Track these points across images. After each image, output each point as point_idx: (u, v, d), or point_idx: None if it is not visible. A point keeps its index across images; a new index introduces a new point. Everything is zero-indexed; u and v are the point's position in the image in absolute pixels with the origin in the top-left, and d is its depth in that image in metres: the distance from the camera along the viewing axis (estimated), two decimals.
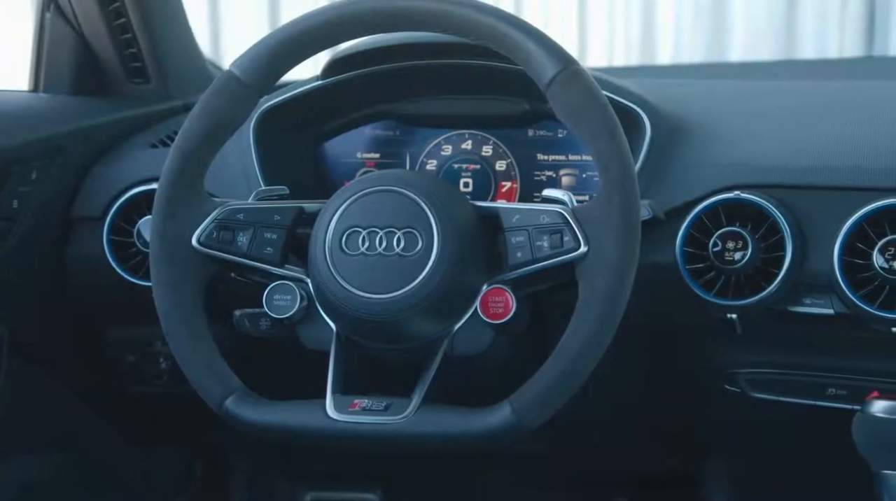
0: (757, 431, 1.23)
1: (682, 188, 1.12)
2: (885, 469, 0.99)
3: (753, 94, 1.37)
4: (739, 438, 1.27)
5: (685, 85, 1.40)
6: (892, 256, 1.01)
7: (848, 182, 1.07)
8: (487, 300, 1.00)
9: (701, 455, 1.34)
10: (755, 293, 1.07)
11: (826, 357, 1.12)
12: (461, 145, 1.28)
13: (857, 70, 2.23)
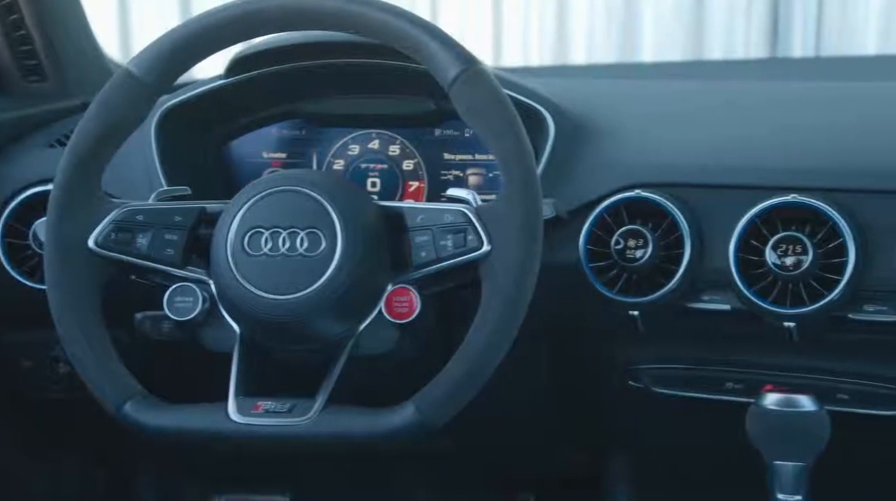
0: (659, 426, 1.26)
1: (585, 187, 1.14)
2: (776, 460, 1.02)
3: (659, 95, 1.40)
4: (643, 433, 1.30)
5: (591, 85, 1.42)
6: (783, 253, 1.04)
7: (743, 180, 1.10)
8: (392, 300, 1.00)
9: (606, 450, 1.36)
10: (656, 290, 1.09)
11: (724, 352, 1.15)
12: (368, 145, 1.28)
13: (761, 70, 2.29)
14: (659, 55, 3.22)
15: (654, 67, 2.91)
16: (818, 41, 3.09)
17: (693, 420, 1.20)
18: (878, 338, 1.06)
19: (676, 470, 1.31)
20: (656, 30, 3.21)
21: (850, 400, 1.10)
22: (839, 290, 1.02)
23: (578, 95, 1.26)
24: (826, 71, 2.25)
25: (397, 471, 1.54)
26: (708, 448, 1.20)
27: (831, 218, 1.04)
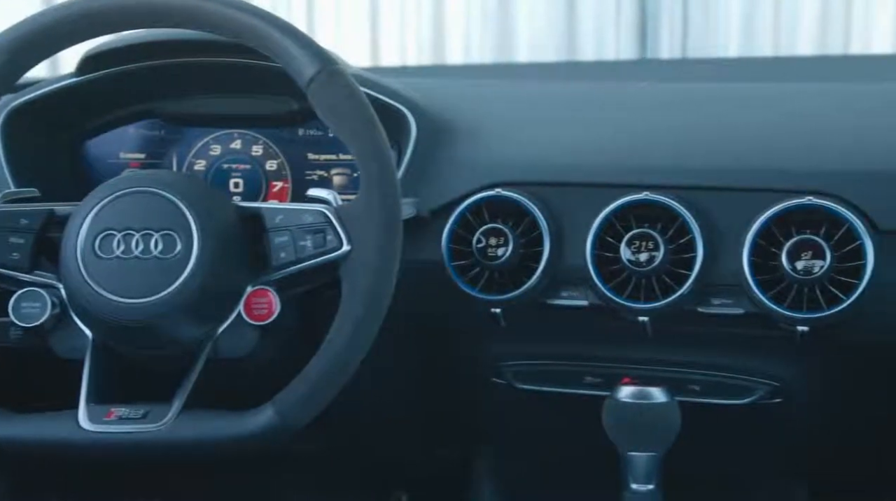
0: (524, 421, 1.28)
1: (447, 186, 1.15)
2: (630, 451, 1.06)
3: (523, 95, 1.42)
4: (508, 429, 1.32)
5: (455, 85, 1.43)
6: (637, 249, 1.07)
7: (599, 179, 1.13)
8: (251, 301, 0.99)
9: (473, 447, 1.38)
10: (517, 287, 1.11)
11: (583, 346, 1.18)
12: (230, 145, 1.26)
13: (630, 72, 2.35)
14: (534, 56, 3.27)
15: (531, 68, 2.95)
16: (684, 43, 3.19)
17: (556, 414, 1.23)
18: (725, 331, 1.10)
19: (540, 464, 1.33)
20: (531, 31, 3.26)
21: (701, 391, 1.14)
22: (689, 285, 1.06)
23: (442, 95, 1.27)
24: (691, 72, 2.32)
25: (269, 474, 1.53)
26: (570, 442, 1.23)
27: (681, 215, 1.07)
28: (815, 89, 1.34)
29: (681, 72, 2.37)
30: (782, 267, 1.03)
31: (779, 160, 1.11)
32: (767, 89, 1.38)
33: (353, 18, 3.30)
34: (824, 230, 1.04)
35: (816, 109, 1.25)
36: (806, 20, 3.07)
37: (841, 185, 1.05)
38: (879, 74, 1.56)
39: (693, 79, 1.67)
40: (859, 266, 1.02)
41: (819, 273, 1.02)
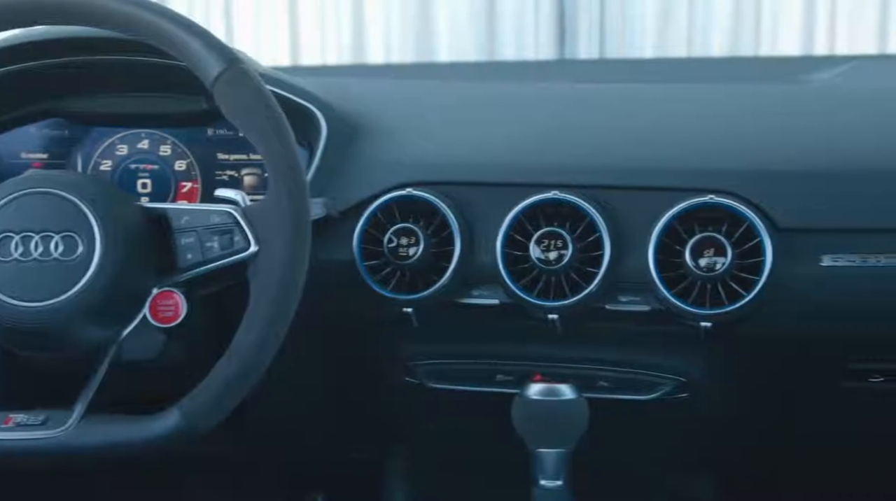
0: (437, 420, 1.28)
1: (357, 186, 1.15)
2: (539, 448, 1.07)
3: (440, 94, 1.42)
4: (421, 428, 1.32)
5: (368, 84, 1.43)
6: (546, 248, 1.08)
7: (509, 178, 1.13)
8: (156, 304, 0.98)
9: (388, 446, 1.38)
10: (428, 287, 1.11)
11: (495, 345, 1.19)
12: (137, 145, 1.24)
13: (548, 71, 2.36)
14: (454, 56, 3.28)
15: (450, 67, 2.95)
16: (602, 44, 3.24)
17: (469, 413, 1.24)
18: (632, 327, 1.11)
19: (453, 463, 1.34)
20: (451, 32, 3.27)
21: (610, 387, 1.16)
22: (597, 282, 1.07)
23: (354, 95, 1.27)
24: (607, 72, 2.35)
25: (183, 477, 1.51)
26: (483, 440, 1.24)
27: (588, 214, 1.09)
28: (717, 90, 1.37)
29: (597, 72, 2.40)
30: (686, 264, 1.05)
31: (683, 159, 1.13)
32: (675, 90, 1.41)
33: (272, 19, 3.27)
34: (726, 228, 1.06)
35: (719, 110, 1.28)
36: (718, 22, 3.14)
37: (741, 184, 1.08)
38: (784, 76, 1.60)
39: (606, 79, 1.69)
40: (759, 262, 1.05)
41: (721, 270, 1.04)
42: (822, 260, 1.06)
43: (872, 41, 3.01)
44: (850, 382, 1.16)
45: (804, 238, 1.06)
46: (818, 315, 1.08)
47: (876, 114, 1.23)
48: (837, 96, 1.33)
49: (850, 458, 1.31)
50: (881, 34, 3.03)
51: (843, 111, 1.25)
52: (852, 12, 3.04)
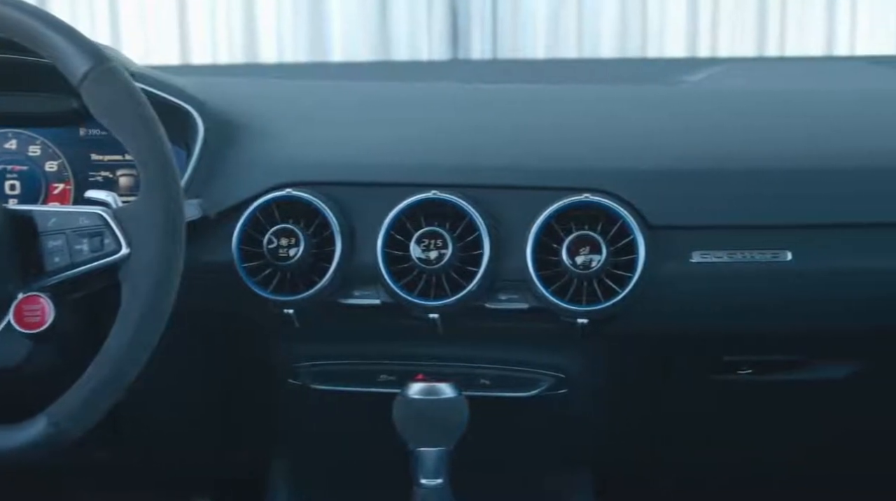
0: (321, 422, 1.27)
1: (236, 186, 1.13)
2: (419, 447, 1.07)
3: (324, 94, 1.41)
4: (305, 430, 1.31)
5: (248, 84, 1.41)
6: (426, 247, 1.09)
7: (388, 178, 1.13)
8: (21, 309, 0.95)
9: (271, 449, 1.36)
10: (309, 287, 1.10)
11: (378, 345, 1.18)
12: (5, 145, 1.21)
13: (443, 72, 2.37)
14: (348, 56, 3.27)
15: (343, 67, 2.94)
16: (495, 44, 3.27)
17: (352, 414, 1.23)
18: (511, 325, 1.13)
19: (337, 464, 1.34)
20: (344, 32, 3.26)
21: (491, 385, 1.17)
22: (476, 281, 1.08)
23: (233, 94, 1.26)
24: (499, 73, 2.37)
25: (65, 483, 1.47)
26: (366, 441, 1.24)
27: (468, 213, 1.09)
28: (596, 91, 1.40)
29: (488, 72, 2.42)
30: (563, 262, 1.07)
31: (560, 159, 1.15)
32: (556, 91, 1.43)
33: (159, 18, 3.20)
34: (601, 226, 1.08)
35: (598, 110, 1.30)
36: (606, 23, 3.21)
37: (616, 183, 1.10)
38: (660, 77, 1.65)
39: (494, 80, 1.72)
40: (633, 259, 1.07)
41: (596, 267, 1.06)
42: (692, 257, 1.09)
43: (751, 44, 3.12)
44: (720, 375, 1.20)
45: (675, 235, 1.09)
46: (689, 309, 1.11)
47: (745, 116, 1.27)
48: (709, 98, 1.37)
49: (720, 450, 1.35)
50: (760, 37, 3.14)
51: (713, 112, 1.29)
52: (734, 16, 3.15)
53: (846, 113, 1.29)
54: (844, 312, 1.11)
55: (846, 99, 1.35)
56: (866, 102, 1.34)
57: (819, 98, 1.36)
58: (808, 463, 1.39)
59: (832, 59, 2.45)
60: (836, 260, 1.09)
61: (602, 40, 3.25)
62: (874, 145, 1.19)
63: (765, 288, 1.09)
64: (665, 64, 2.47)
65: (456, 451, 1.09)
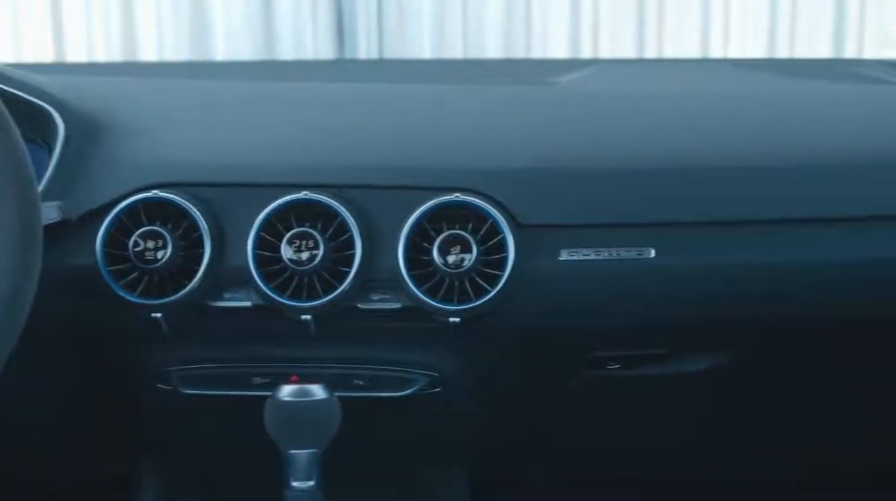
0: (193, 426, 1.25)
1: (101, 187, 1.10)
2: (290, 449, 1.06)
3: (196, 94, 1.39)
4: (176, 435, 1.29)
5: (115, 83, 1.38)
6: (298, 248, 1.08)
7: (260, 179, 1.12)
8: None
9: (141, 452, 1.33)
10: (178, 291, 1.08)
11: (250, 348, 1.17)
12: None
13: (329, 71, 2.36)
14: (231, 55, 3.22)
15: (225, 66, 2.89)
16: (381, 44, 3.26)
17: (226, 418, 1.21)
18: (385, 325, 1.13)
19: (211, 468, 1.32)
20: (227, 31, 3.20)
21: (365, 386, 1.17)
22: (349, 282, 1.08)
23: (99, 93, 1.22)
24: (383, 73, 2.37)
25: None
26: (241, 444, 1.22)
27: (339, 213, 1.09)
28: (472, 91, 1.41)
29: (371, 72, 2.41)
30: (434, 261, 1.08)
31: (432, 158, 1.16)
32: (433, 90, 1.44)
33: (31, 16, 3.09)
34: (472, 225, 1.09)
35: (471, 110, 1.32)
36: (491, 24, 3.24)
37: (486, 183, 1.11)
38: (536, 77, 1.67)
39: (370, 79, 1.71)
40: (503, 258, 1.08)
41: (467, 266, 1.07)
42: (561, 255, 1.11)
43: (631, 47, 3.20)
44: (589, 370, 1.22)
45: (544, 234, 1.11)
46: (558, 307, 1.13)
47: (615, 116, 1.30)
48: (583, 98, 1.40)
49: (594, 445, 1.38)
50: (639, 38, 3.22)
51: (585, 113, 1.31)
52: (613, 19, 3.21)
53: (711, 114, 1.33)
54: (706, 307, 1.15)
55: (713, 100, 1.39)
56: (733, 103, 1.38)
57: (687, 99, 1.40)
58: (680, 457, 1.43)
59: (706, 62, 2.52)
60: (697, 257, 1.13)
61: (487, 40, 3.28)
62: (736, 146, 1.23)
63: (630, 285, 1.12)
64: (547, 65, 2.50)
65: (330, 452, 1.08)
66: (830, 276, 1.15)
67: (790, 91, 1.52)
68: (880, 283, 1.17)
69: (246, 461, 1.21)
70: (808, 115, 1.33)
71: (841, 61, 2.32)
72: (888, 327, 1.21)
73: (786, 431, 1.37)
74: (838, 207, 1.16)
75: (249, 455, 1.14)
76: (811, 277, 1.15)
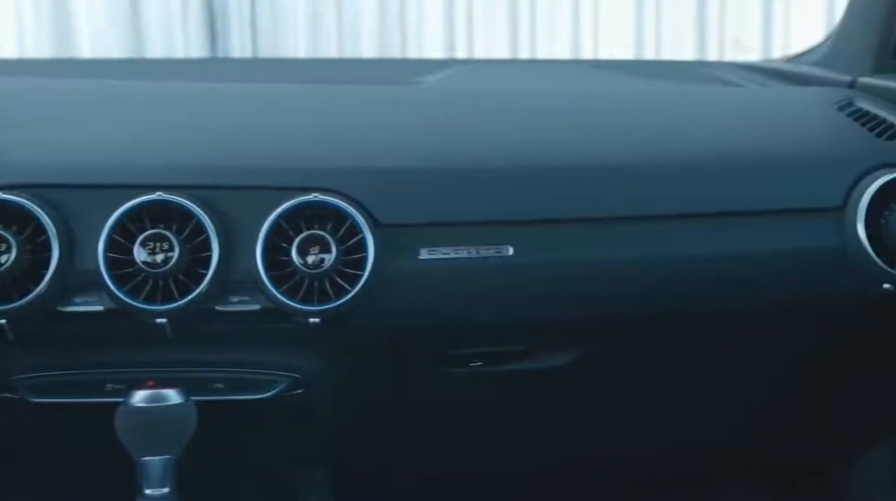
0: (45, 436, 1.21)
1: None
2: (143, 456, 1.04)
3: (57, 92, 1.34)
4: (25, 446, 1.24)
5: None
6: (152, 250, 1.05)
7: (111, 180, 1.09)
8: None
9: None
10: (24, 295, 1.04)
11: (103, 353, 1.13)
12: None
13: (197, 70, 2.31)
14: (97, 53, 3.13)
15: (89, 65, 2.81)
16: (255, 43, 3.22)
17: (77, 426, 1.17)
18: (245, 327, 1.11)
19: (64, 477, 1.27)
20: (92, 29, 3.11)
21: (225, 389, 1.15)
22: (206, 284, 1.06)
23: None
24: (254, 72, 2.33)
25: None
26: (96, 452, 1.18)
27: (195, 215, 1.07)
28: (333, 90, 1.40)
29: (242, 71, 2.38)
30: (293, 262, 1.06)
31: (290, 158, 1.15)
32: (298, 90, 1.42)
33: None
34: (331, 225, 1.09)
35: (336, 109, 1.31)
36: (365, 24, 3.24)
37: (344, 182, 1.11)
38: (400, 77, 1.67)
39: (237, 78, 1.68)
40: (363, 258, 1.08)
41: (326, 266, 1.06)
42: (421, 254, 1.11)
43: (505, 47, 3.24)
44: (452, 368, 1.23)
45: (403, 233, 1.11)
46: (419, 305, 1.13)
47: (477, 115, 1.31)
48: (442, 97, 1.41)
49: (459, 444, 1.39)
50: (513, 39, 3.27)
51: (448, 112, 1.32)
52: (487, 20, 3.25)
53: (571, 113, 1.35)
54: (564, 303, 1.16)
55: (574, 100, 1.42)
56: (593, 103, 1.41)
57: (549, 99, 1.42)
58: (544, 454, 1.45)
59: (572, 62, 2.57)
60: (555, 255, 1.14)
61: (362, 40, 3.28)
62: (594, 144, 1.25)
63: (489, 283, 1.13)
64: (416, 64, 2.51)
65: (190, 457, 1.06)
66: (684, 272, 1.18)
67: (649, 92, 1.56)
68: (732, 278, 1.20)
69: (102, 468, 1.17)
70: (664, 115, 1.37)
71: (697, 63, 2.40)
72: (742, 320, 1.25)
73: (646, 425, 1.40)
74: (691, 204, 1.19)
75: (105, 462, 1.10)
76: (666, 273, 1.17)
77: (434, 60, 2.65)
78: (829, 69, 1.53)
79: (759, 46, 3.34)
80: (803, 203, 1.19)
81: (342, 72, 2.17)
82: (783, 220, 1.18)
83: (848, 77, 1.47)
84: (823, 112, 1.34)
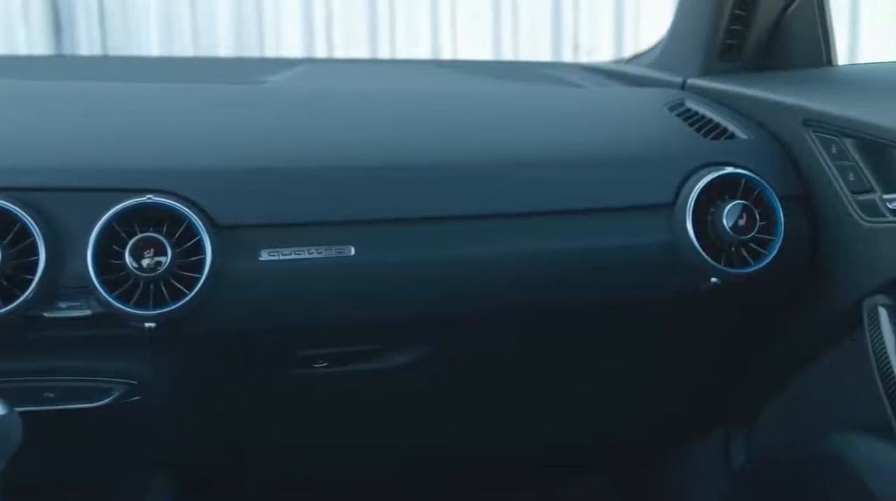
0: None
1: None
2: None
3: None
4: None
5: None
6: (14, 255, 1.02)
7: None
8: None
9: None
10: None
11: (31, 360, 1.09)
12: None
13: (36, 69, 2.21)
14: None
15: None
16: (104, 40, 3.12)
17: None
18: (76, 334, 1.07)
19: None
20: None
21: (57, 398, 1.11)
22: (32, 290, 1.02)
23: None
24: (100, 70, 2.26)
25: None
26: None
27: (20, 218, 1.03)
28: (180, 90, 1.37)
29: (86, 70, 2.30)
30: (127, 265, 1.04)
31: (123, 159, 1.11)
32: (132, 89, 1.38)
33: None
34: (167, 227, 1.06)
35: (174, 109, 1.28)
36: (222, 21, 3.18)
37: (180, 184, 1.08)
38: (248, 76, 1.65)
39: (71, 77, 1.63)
40: (201, 260, 1.06)
41: (162, 269, 1.04)
42: (261, 256, 1.10)
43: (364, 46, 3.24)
44: (297, 370, 1.22)
45: (243, 234, 1.09)
46: (261, 308, 1.11)
47: (321, 116, 1.30)
48: (286, 97, 1.39)
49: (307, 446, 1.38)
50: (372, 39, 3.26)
51: (287, 112, 1.30)
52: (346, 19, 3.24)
53: (416, 113, 1.35)
54: (406, 302, 1.17)
55: (420, 100, 1.41)
56: (439, 103, 1.41)
57: (394, 99, 1.42)
58: (398, 453, 1.45)
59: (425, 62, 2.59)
60: (397, 254, 1.15)
61: (219, 38, 3.22)
62: (438, 144, 1.25)
63: (331, 284, 1.12)
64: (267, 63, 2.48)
65: (15, 471, 1.01)
66: (523, 269, 1.19)
67: (492, 92, 1.58)
68: (570, 274, 1.23)
69: None
70: (503, 115, 1.38)
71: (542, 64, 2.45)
72: (579, 314, 1.28)
73: (492, 421, 1.42)
74: (528, 203, 1.20)
75: None
76: (504, 270, 1.19)
77: (287, 59, 2.63)
78: (663, 70, 1.58)
79: (611, 49, 3.44)
80: (637, 200, 1.23)
81: (192, 71, 2.13)
82: (618, 218, 1.22)
83: (679, 78, 1.53)
84: (655, 112, 1.39)
